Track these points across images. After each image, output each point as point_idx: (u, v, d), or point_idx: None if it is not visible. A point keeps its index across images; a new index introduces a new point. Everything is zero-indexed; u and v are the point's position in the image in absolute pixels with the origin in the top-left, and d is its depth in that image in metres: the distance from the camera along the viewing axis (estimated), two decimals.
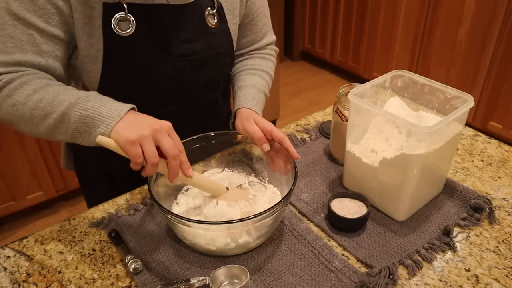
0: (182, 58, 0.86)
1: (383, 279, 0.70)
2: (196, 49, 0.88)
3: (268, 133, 0.84)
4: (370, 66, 3.19)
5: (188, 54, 0.87)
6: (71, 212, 2.23)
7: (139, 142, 0.65)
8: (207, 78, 0.94)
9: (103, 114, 0.68)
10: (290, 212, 0.86)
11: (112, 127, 0.67)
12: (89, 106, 0.68)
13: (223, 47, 0.93)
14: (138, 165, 0.66)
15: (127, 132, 0.65)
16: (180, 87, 0.90)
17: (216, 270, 0.70)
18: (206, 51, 0.89)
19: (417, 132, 0.72)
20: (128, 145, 0.65)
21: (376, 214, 0.85)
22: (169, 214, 0.69)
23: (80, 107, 0.69)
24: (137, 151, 0.65)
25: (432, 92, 0.87)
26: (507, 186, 0.93)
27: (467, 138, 1.10)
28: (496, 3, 2.27)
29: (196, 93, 0.94)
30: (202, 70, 0.91)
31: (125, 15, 0.79)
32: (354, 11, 3.14)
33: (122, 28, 0.79)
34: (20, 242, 0.81)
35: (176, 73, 0.87)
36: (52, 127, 0.71)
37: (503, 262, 0.75)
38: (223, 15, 0.91)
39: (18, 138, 1.92)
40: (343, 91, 0.96)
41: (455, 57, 2.58)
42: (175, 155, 0.67)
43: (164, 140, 0.67)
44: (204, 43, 0.88)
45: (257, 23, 1.01)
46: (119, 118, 0.67)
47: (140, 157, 0.65)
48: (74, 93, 0.72)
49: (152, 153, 0.65)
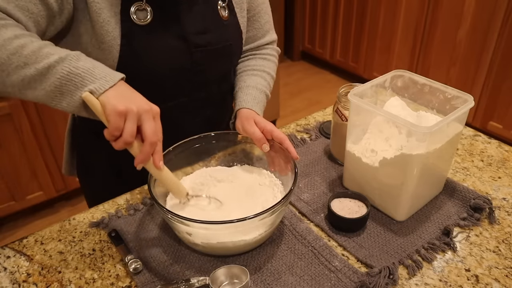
0: (198, 49, 0.87)
1: (383, 279, 0.70)
2: (211, 40, 0.89)
3: (268, 133, 0.84)
4: (370, 66, 3.19)
5: (204, 44, 0.88)
6: (71, 212, 2.24)
7: (124, 115, 0.63)
8: (220, 70, 0.96)
9: (96, 76, 0.65)
10: (290, 212, 0.86)
11: (105, 89, 0.64)
12: (80, 65, 0.65)
13: (234, 39, 0.95)
14: (113, 137, 0.64)
15: (116, 101, 0.63)
16: (194, 78, 0.91)
17: (216, 270, 0.70)
18: (220, 42, 0.91)
19: (417, 132, 0.72)
20: (114, 114, 0.63)
21: (376, 214, 0.85)
22: (169, 214, 0.69)
23: (70, 63, 0.65)
24: (119, 123, 0.63)
25: (432, 92, 0.87)
26: (507, 186, 0.93)
27: (467, 138, 1.10)
28: (496, 3, 2.27)
29: (209, 85, 0.95)
30: (216, 61, 0.93)
31: (143, 5, 0.80)
32: (354, 11, 3.14)
33: (140, 17, 0.80)
34: (20, 242, 0.81)
35: (192, 64, 0.88)
36: (28, 79, 0.65)
37: (503, 262, 0.75)
38: (232, 8, 0.93)
39: (19, 138, 1.92)
40: (343, 91, 0.96)
41: (455, 57, 2.58)
42: (152, 142, 0.66)
43: (149, 123, 0.65)
44: (218, 34, 0.90)
45: (259, 19, 1.02)
46: (113, 83, 0.65)
47: (119, 130, 0.63)
48: (62, 49, 0.67)
49: (130, 131, 0.64)
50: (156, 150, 0.68)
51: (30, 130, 1.93)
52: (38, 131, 1.96)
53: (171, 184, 0.75)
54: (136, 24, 0.80)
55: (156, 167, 0.70)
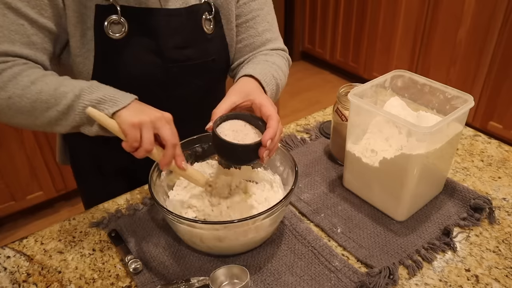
0: (175, 64, 0.85)
1: (383, 279, 0.70)
2: (190, 55, 0.87)
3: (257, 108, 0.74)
4: (370, 66, 3.19)
5: (182, 60, 0.86)
6: (71, 212, 2.23)
7: (139, 126, 0.67)
8: (201, 84, 0.92)
9: (108, 102, 0.69)
10: (290, 212, 0.86)
11: (117, 110, 0.68)
12: (94, 97, 0.69)
13: (218, 53, 0.91)
14: (133, 149, 0.68)
15: (130, 116, 0.67)
16: (172, 93, 0.89)
17: (216, 270, 0.70)
18: (201, 57, 0.88)
19: (417, 132, 0.72)
20: (129, 128, 0.66)
21: (376, 214, 0.85)
22: (170, 214, 0.69)
23: (84, 98, 0.69)
24: (136, 134, 0.66)
25: (432, 92, 0.87)
26: (507, 186, 0.93)
27: (467, 138, 1.10)
28: (496, 3, 2.27)
29: (190, 99, 0.93)
30: (196, 76, 0.90)
31: (118, 18, 0.78)
32: (354, 11, 3.14)
33: (115, 31, 0.78)
34: (20, 242, 0.81)
35: (169, 79, 0.86)
36: (54, 119, 0.71)
37: (503, 262, 0.75)
38: (219, 20, 0.90)
39: (18, 138, 1.92)
40: (343, 91, 0.96)
41: (455, 57, 2.58)
42: (174, 144, 0.68)
43: (164, 128, 0.68)
44: (199, 48, 0.87)
45: (255, 26, 0.94)
46: (123, 104, 0.69)
47: (138, 141, 0.67)
48: (75, 84, 0.71)
49: (149, 140, 0.67)
50: (178, 153, 0.70)
51: (30, 130, 1.93)
52: (38, 131, 1.96)
53: (195, 179, 0.77)
54: (110, 38, 0.78)
55: (180, 168, 0.72)
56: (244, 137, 0.71)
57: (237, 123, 0.72)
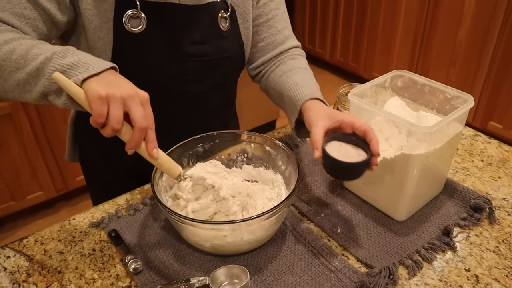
0: (192, 59, 0.86)
1: (383, 279, 0.70)
2: (207, 50, 0.87)
3: (348, 127, 0.75)
4: (370, 66, 3.19)
5: (199, 55, 0.87)
6: (71, 212, 2.23)
7: (107, 100, 0.60)
8: (215, 81, 0.93)
9: (80, 68, 0.63)
10: (291, 212, 0.86)
11: (86, 77, 0.62)
12: (66, 61, 0.64)
13: (233, 51, 0.92)
14: (97, 124, 0.62)
15: (98, 87, 0.61)
16: (187, 88, 0.89)
17: (216, 270, 0.70)
18: (217, 54, 0.89)
19: (417, 132, 0.72)
20: (95, 100, 0.60)
21: (376, 214, 0.85)
22: (172, 214, 0.69)
23: (56, 62, 0.64)
24: (102, 109, 0.60)
25: (432, 92, 0.87)
26: (507, 186, 0.93)
27: (467, 138, 1.10)
28: (496, 3, 2.27)
29: (203, 95, 0.94)
30: (211, 72, 0.91)
31: (137, 13, 0.78)
32: (354, 11, 3.14)
33: (133, 25, 0.79)
34: (20, 242, 0.81)
35: (185, 74, 0.87)
36: (22, 82, 0.66)
37: (503, 262, 0.75)
38: (235, 19, 0.91)
39: (19, 138, 1.92)
40: (343, 91, 0.96)
41: (455, 57, 2.58)
42: (142, 127, 0.62)
43: (136, 108, 0.62)
44: (215, 45, 0.88)
45: (275, 25, 0.97)
46: (95, 71, 0.62)
47: (103, 117, 0.61)
48: (49, 47, 0.67)
49: (116, 117, 0.61)
50: (150, 138, 0.65)
51: (30, 130, 1.93)
52: (38, 131, 1.96)
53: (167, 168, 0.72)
54: (128, 32, 0.79)
55: (150, 156, 0.67)
56: (346, 154, 0.73)
57: (334, 144, 0.75)
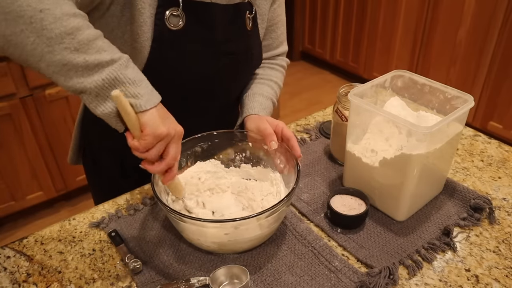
0: (225, 56, 0.89)
1: (383, 279, 0.70)
2: (237, 48, 0.91)
3: (279, 131, 0.85)
4: (370, 66, 3.19)
5: (231, 52, 0.90)
6: (71, 212, 2.23)
7: (161, 138, 0.66)
8: (240, 78, 0.98)
9: (140, 90, 0.64)
10: (290, 212, 0.86)
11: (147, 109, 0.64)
12: (129, 73, 0.64)
13: (256, 49, 0.97)
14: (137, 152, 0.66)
15: (159, 122, 0.65)
16: (217, 84, 0.93)
17: (216, 270, 0.70)
18: (244, 51, 0.93)
19: (417, 132, 0.72)
20: (152, 135, 0.64)
21: (376, 214, 0.85)
22: (173, 213, 0.69)
23: (119, 68, 0.63)
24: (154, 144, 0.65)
25: (432, 92, 0.87)
26: (507, 186, 0.93)
27: (467, 138, 1.10)
28: (496, 3, 2.27)
29: (227, 91, 0.98)
30: (239, 69, 0.94)
31: (179, 11, 0.80)
32: (354, 11, 3.14)
33: (172, 22, 0.80)
34: (20, 242, 0.81)
35: (218, 70, 0.90)
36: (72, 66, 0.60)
37: (503, 262, 0.75)
38: (256, 19, 0.95)
39: (19, 138, 1.92)
40: (343, 91, 0.96)
41: (455, 57, 2.58)
42: (169, 164, 0.69)
43: (174, 145, 0.69)
44: (243, 43, 0.92)
45: (276, 30, 1.03)
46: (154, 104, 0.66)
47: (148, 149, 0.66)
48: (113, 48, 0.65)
49: (157, 154, 0.67)
50: (171, 172, 0.71)
51: (30, 130, 1.93)
52: (38, 131, 1.97)
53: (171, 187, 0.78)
54: (168, 28, 0.80)
55: (163, 183, 0.74)
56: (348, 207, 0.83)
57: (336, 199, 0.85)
